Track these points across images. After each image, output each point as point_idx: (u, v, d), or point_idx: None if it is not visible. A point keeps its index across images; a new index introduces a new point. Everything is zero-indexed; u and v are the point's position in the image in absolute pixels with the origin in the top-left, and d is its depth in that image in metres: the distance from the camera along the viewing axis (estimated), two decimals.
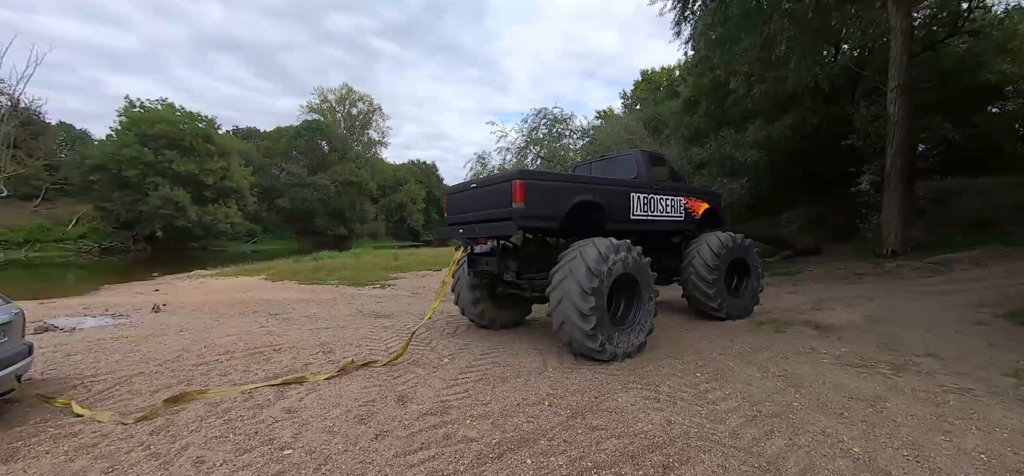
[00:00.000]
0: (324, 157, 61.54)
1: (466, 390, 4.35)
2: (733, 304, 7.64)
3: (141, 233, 35.80)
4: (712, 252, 7.36)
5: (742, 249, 7.81)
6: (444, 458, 3.05)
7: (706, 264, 7.31)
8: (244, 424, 3.70)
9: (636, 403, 3.96)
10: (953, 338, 6.05)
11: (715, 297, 7.40)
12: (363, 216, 63.98)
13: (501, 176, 6.29)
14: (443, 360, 5.51)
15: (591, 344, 5.10)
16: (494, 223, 5.80)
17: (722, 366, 5.07)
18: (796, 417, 3.63)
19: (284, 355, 5.86)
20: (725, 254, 7.47)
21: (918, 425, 3.45)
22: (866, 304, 8.61)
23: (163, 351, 6.09)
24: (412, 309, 9.62)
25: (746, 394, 4.16)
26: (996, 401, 3.91)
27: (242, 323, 8.01)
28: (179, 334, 7.17)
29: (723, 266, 7.47)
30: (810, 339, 6.20)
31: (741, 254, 7.82)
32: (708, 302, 7.44)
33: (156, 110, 37.26)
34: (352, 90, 73.54)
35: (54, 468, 3.09)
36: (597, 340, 5.11)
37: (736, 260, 7.82)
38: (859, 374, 4.69)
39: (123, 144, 34.86)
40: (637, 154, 7.73)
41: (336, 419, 3.74)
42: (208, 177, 38.60)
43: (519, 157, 14.51)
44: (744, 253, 7.85)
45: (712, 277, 7.33)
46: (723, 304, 7.47)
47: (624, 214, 6.71)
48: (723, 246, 7.45)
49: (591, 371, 4.93)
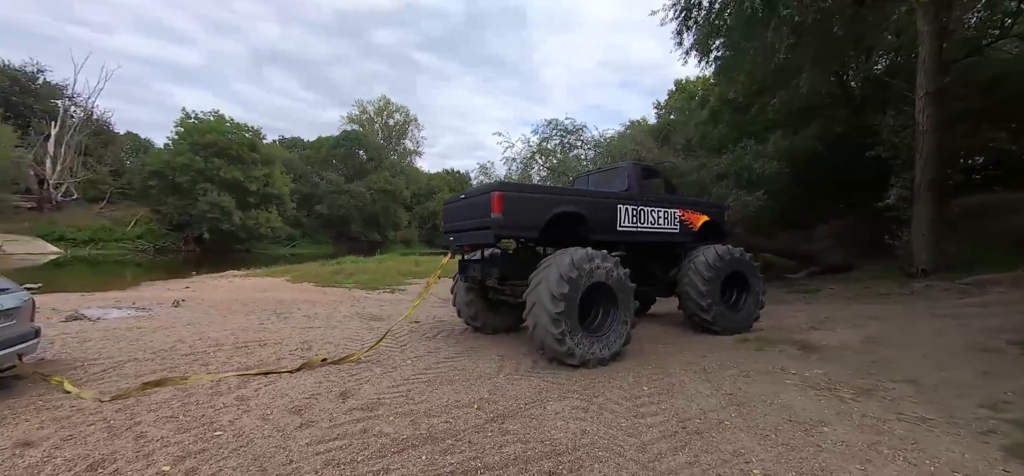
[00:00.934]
0: (361, 166, 64.07)
1: (407, 391, 4.54)
2: (728, 318, 7.53)
3: (191, 235, 38.54)
4: (707, 264, 7.30)
5: (741, 263, 7.69)
6: (350, 449, 3.25)
7: (701, 276, 7.26)
8: (197, 408, 4.06)
9: (562, 412, 4.01)
10: (947, 364, 5.66)
11: (709, 309, 7.32)
12: (397, 223, 65.92)
13: (483, 188, 6.58)
14: (407, 361, 5.73)
15: (559, 348, 5.27)
16: (476, 232, 6.14)
17: (675, 381, 5.01)
18: (717, 436, 3.58)
19: (266, 350, 6.28)
20: (720, 267, 7.39)
21: (842, 453, 3.32)
22: (873, 325, 8.14)
23: (163, 341, 6.67)
24: (415, 315, 9.92)
25: (681, 410, 4.11)
26: (948, 433, 3.68)
27: (243, 320, 8.58)
28: (185, 327, 7.80)
29: (718, 279, 7.39)
30: (786, 359, 5.97)
31: (739, 268, 7.69)
32: (701, 314, 7.39)
33: (208, 121, 40.20)
34: (390, 101, 76.40)
35: (25, 433, 3.52)
36: (565, 345, 5.26)
37: (735, 274, 7.70)
38: (816, 397, 4.51)
39: (177, 152, 37.83)
40: (629, 167, 7.81)
41: (276, 408, 4.03)
42: (252, 183, 41.09)
43: (524, 168, 14.67)
44: (743, 267, 7.73)
45: (706, 289, 7.26)
46: (717, 317, 7.38)
47: (610, 225, 6.81)
48: (719, 259, 7.39)
49: (540, 379, 5.00)
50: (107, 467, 2.99)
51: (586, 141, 16.37)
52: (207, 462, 3.06)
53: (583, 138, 16.35)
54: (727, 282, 7.71)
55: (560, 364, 5.44)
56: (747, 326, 7.70)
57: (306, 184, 58.12)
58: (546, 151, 15.22)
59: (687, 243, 8.01)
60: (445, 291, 14.73)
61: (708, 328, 7.44)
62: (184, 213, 37.71)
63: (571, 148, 16.31)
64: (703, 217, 8.24)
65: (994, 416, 4.03)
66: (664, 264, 8.18)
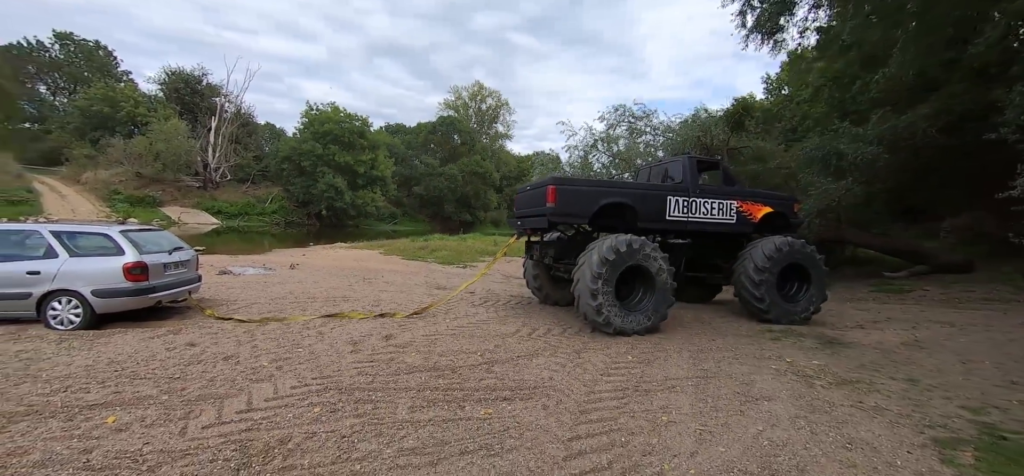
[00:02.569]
0: (455, 149, 68.10)
1: (434, 339, 5.85)
2: (784, 308, 7.64)
3: (313, 211, 44.97)
4: (763, 256, 7.51)
5: (801, 255, 7.71)
6: (378, 366, 4.63)
7: (756, 266, 7.51)
8: (290, 335, 5.79)
9: (544, 364, 4.99)
10: (979, 372, 5.42)
11: (762, 298, 7.53)
12: (487, 204, 69.14)
13: (542, 180, 7.64)
14: (446, 320, 7.08)
15: (597, 317, 6.35)
16: (535, 218, 7.36)
17: (662, 354, 5.64)
18: (660, 396, 4.25)
19: (347, 304, 8.09)
20: (776, 259, 7.51)
21: (758, 418, 3.81)
22: (934, 329, 7.65)
23: (278, 292, 8.87)
24: (471, 287, 11.35)
25: (646, 376, 4.81)
26: (890, 422, 3.85)
27: (337, 281, 10.72)
28: (295, 284, 10.08)
29: (774, 270, 7.54)
30: (796, 350, 6.12)
31: (799, 260, 7.72)
32: (755, 303, 7.63)
33: (325, 112, 46.18)
34: (483, 86, 79.43)
35: (191, 338, 5.49)
36: (601, 315, 6.31)
37: (795, 266, 7.78)
38: (786, 382, 4.80)
39: (302, 140, 44.24)
40: (684, 160, 8.17)
41: (339, 340, 5.60)
42: (360, 167, 46.46)
43: (584, 156, 15.13)
44: (804, 260, 7.74)
45: (759, 278, 7.49)
46: (771, 307, 7.55)
47: (659, 215, 7.46)
48: (777, 250, 7.52)
49: (544, 342, 5.99)
50: (233, 359, 4.73)
51: (656, 126, 16.27)
52: (289, 362, 4.66)
53: (653, 123, 16.28)
54: (787, 274, 7.82)
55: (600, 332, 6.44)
56: (805, 318, 7.72)
57: (406, 167, 63.61)
58: (610, 138, 15.51)
59: (748, 234, 8.19)
60: (508, 268, 16.08)
61: (764, 317, 7.64)
62: (307, 192, 44.10)
63: (640, 134, 16.35)
64: (764, 209, 8.30)
65: (968, 416, 4.08)
66: (724, 254, 8.45)
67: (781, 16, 12.53)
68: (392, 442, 3.09)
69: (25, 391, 3.76)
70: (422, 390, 4.06)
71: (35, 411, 3.39)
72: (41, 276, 5.77)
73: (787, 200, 9.02)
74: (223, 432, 3.15)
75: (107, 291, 5.87)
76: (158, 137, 37.14)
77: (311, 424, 3.31)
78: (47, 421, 3.24)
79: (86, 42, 51.32)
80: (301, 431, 3.19)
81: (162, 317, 6.63)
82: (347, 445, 3.02)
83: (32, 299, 5.77)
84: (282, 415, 3.45)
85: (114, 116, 40.10)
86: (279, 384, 4.08)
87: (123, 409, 3.47)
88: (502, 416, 3.59)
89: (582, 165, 14.46)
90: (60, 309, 5.82)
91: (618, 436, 3.31)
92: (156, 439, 3.02)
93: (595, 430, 3.41)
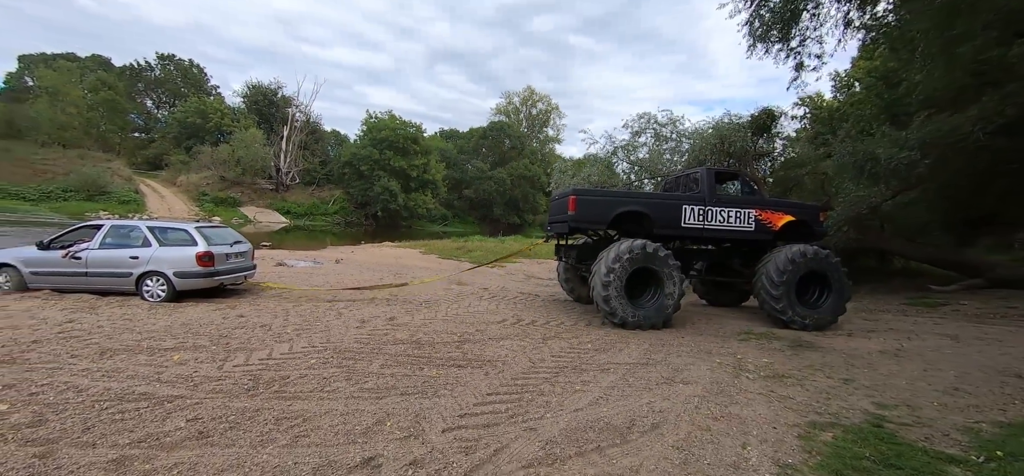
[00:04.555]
0: (505, 153, 69.88)
1: (429, 322, 7.00)
2: (803, 314, 7.91)
3: (370, 212, 48.50)
4: (786, 261, 7.86)
5: (822, 263, 8.01)
6: (373, 337, 5.86)
7: (777, 271, 7.86)
8: (315, 311, 7.23)
9: (509, 346, 5.98)
10: (924, 380, 5.62)
11: (779, 302, 7.86)
12: (535, 207, 70.18)
13: (565, 191, 8.66)
14: (448, 308, 8.22)
15: (606, 308, 7.37)
16: (560, 224, 8.47)
17: (621, 344, 6.40)
18: (592, 373, 5.07)
19: (372, 292, 9.49)
20: (794, 267, 7.84)
21: (660, 391, 4.55)
22: (930, 341, 7.61)
23: (319, 280, 10.51)
24: (488, 284, 12.45)
25: (585, 359, 5.60)
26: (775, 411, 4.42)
27: (371, 273, 12.27)
28: (334, 274, 11.72)
29: (793, 278, 7.86)
30: (755, 350, 6.55)
31: (820, 268, 8.01)
32: (774, 306, 7.94)
33: (383, 119, 49.68)
34: (534, 91, 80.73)
35: (241, 311, 7.04)
36: (610, 306, 7.32)
37: (816, 273, 8.07)
38: (715, 369, 5.41)
39: (362, 146, 47.93)
40: (702, 171, 8.80)
41: (351, 318, 6.94)
42: (413, 170, 49.43)
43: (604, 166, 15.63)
44: (825, 267, 8.04)
45: (779, 282, 7.83)
46: (789, 311, 7.85)
47: (675, 223, 8.18)
48: (799, 256, 7.87)
49: (521, 328, 6.93)
50: (268, 327, 6.17)
51: (684, 132, 16.48)
52: (307, 331, 6.03)
53: (679, 130, 16.50)
54: (809, 281, 8.16)
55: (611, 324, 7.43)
56: (826, 323, 7.98)
57: (458, 171, 66.28)
58: (632, 146, 15.93)
59: (770, 241, 8.61)
60: (533, 269, 17.00)
61: (784, 323, 7.91)
62: (365, 194, 47.66)
63: (665, 141, 16.63)
64: (786, 217, 8.61)
65: (869, 410, 4.47)
66: (746, 261, 8.91)
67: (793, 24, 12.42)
68: (356, 384, 4.24)
69: (125, 338, 5.36)
70: (397, 356, 5.20)
71: (129, 349, 4.93)
72: (139, 260, 7.62)
73: (811, 209, 9.22)
74: (246, 370, 4.47)
75: (185, 273, 7.61)
76: (239, 145, 42.04)
77: (306, 370, 4.56)
78: (137, 356, 4.74)
79: (183, 61, 58.85)
80: (297, 373, 4.44)
81: (225, 296, 8.34)
82: (324, 383, 4.22)
83: (132, 278, 7.63)
84: (289, 363, 4.73)
85: (204, 126, 45.86)
86: (294, 345, 5.41)
87: (185, 352, 4.93)
88: (447, 377, 4.62)
89: (601, 175, 15.04)
90: (151, 285, 7.63)
91: (527, 395, 4.23)
92: (201, 370, 4.40)
93: (512, 389, 4.35)
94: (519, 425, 3.57)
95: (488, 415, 3.74)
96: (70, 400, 3.61)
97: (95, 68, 50.33)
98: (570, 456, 3.10)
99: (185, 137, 46.51)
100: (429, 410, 3.76)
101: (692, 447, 3.37)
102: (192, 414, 3.46)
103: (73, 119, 40.81)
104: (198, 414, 3.46)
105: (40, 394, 3.69)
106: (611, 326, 7.39)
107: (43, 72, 42.73)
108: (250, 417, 3.46)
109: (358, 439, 3.21)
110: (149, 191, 38.45)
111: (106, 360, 4.57)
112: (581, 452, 3.17)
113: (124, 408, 3.51)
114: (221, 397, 3.81)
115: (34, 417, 3.30)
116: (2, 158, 34.74)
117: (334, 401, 3.84)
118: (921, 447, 3.64)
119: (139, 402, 3.63)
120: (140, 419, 3.35)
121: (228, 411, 3.54)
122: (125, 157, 44.63)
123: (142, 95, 56.79)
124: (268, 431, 3.25)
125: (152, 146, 50.31)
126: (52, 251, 7.84)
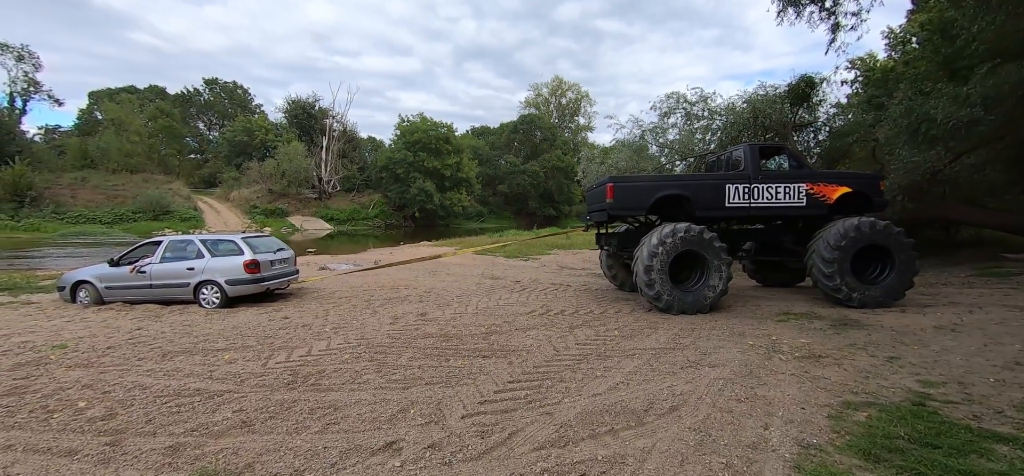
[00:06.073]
0: (537, 146, 69.67)
1: (457, 317, 7.22)
2: (861, 291, 7.48)
3: (408, 214, 49.85)
4: (839, 234, 7.43)
5: (882, 236, 7.48)
6: (405, 332, 6.12)
7: (828, 246, 7.45)
8: (352, 311, 7.62)
9: (535, 335, 6.08)
10: (982, 355, 5.23)
11: (832, 278, 7.45)
12: (570, 197, 69.57)
13: (603, 179, 8.71)
14: (478, 302, 8.41)
15: (650, 292, 7.39)
16: (597, 212, 8.53)
17: (649, 329, 6.35)
18: (616, 359, 5.10)
19: (407, 290, 9.85)
20: (850, 240, 7.40)
21: (687, 376, 4.49)
22: (995, 314, 7.04)
23: (358, 282, 11.02)
24: (521, 276, 12.59)
25: (611, 346, 5.62)
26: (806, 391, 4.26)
27: (406, 273, 12.70)
28: (373, 276, 12.23)
29: (848, 252, 7.42)
30: (795, 330, 6.32)
31: (881, 241, 7.49)
32: (827, 283, 7.53)
33: (415, 122, 50.75)
34: (562, 81, 79.84)
35: (286, 312, 7.53)
36: (653, 291, 7.33)
37: (876, 247, 7.57)
38: (747, 353, 5.28)
39: (396, 150, 49.21)
40: (744, 148, 8.52)
41: (385, 315, 7.27)
42: (447, 170, 50.26)
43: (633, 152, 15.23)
44: (886, 240, 7.50)
45: (831, 256, 7.41)
46: (843, 287, 7.44)
47: (717, 203, 7.97)
48: (849, 232, 7.42)
49: (548, 319, 7.01)
50: (308, 327, 6.58)
51: (716, 109, 15.84)
52: (344, 327, 6.41)
53: (711, 107, 15.88)
54: (868, 256, 7.65)
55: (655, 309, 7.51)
56: (889, 301, 7.53)
57: (491, 167, 66.74)
58: (661, 129, 15.47)
59: (824, 215, 8.16)
60: (566, 259, 16.97)
61: (841, 301, 7.52)
62: (402, 197, 49.00)
63: (697, 119, 16.07)
64: (841, 189, 8.12)
65: (915, 388, 4.25)
66: (800, 238, 8.46)
67: None
68: (385, 375, 4.49)
69: (184, 342, 5.91)
70: (425, 349, 5.43)
71: (187, 351, 5.44)
72: (195, 271, 8.30)
73: (869, 178, 8.67)
74: (287, 366, 4.83)
75: (235, 281, 8.23)
76: (283, 158, 44.29)
77: (340, 364, 4.86)
78: (193, 356, 5.23)
79: (228, 83, 62.55)
80: (332, 367, 4.75)
81: (272, 301, 8.93)
82: (356, 375, 4.49)
83: (190, 287, 8.32)
84: (325, 358, 5.06)
85: (251, 143, 48.64)
86: (331, 342, 5.76)
87: (235, 352, 5.37)
88: (471, 367, 4.79)
89: (633, 159, 14.69)
90: (207, 293, 8.30)
91: (547, 381, 4.32)
92: (248, 367, 4.80)
93: (533, 376, 4.45)
94: (536, 410, 3.67)
95: (507, 401, 3.86)
96: (136, 397, 4.06)
97: (153, 98, 54.66)
98: (583, 438, 3.17)
99: (235, 155, 49.56)
100: (451, 398, 3.93)
101: (710, 428, 3.35)
102: (238, 406, 3.81)
103: (136, 146, 44.45)
104: (243, 406, 3.80)
105: (111, 392, 4.17)
106: (657, 312, 7.38)
107: (108, 105, 46.83)
108: (288, 408, 3.76)
109: (383, 425, 3.42)
110: (206, 207, 41.33)
111: (167, 361, 5.07)
112: (594, 434, 3.23)
113: (181, 402, 3.91)
114: (264, 391, 4.16)
115: (106, 411, 3.75)
116: (80, 186, 38.43)
117: (364, 392, 4.09)
118: (965, 425, 3.43)
119: (193, 397, 4.03)
120: (193, 411, 3.73)
121: (269, 403, 3.86)
122: (183, 177, 48.19)
123: (194, 119, 61.06)
124: (303, 420, 3.53)
125: (206, 165, 54.05)
126: (121, 267, 8.68)
